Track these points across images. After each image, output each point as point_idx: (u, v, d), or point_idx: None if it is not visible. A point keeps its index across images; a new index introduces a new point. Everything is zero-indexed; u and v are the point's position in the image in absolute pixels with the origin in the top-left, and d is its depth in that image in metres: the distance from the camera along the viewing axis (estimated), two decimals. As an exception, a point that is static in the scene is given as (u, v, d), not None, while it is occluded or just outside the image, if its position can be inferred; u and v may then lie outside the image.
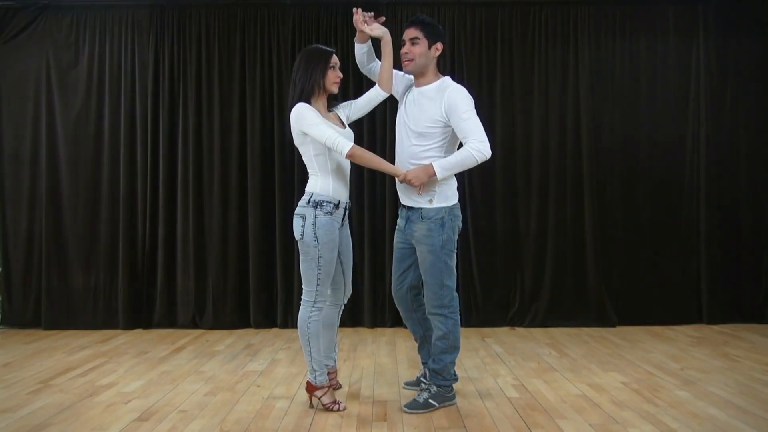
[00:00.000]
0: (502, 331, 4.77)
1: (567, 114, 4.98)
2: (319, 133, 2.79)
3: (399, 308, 3.24)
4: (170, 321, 4.98)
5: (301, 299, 2.96)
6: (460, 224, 3.04)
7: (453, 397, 3.04)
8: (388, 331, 4.85)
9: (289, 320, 4.94)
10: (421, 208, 2.94)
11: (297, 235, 2.87)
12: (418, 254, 2.99)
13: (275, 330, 4.90)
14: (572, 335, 4.61)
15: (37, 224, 5.03)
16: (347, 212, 3.02)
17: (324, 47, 2.98)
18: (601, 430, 2.68)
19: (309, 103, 2.87)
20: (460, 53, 4.98)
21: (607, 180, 5.00)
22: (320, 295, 2.89)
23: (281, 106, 4.96)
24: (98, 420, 2.86)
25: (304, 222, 2.84)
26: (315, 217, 2.83)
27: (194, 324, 4.96)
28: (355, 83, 4.87)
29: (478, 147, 2.81)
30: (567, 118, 4.98)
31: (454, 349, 3.00)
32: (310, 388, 2.97)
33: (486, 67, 5.00)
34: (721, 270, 4.97)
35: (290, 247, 4.92)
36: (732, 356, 3.93)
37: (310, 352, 2.90)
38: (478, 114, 2.93)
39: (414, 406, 2.94)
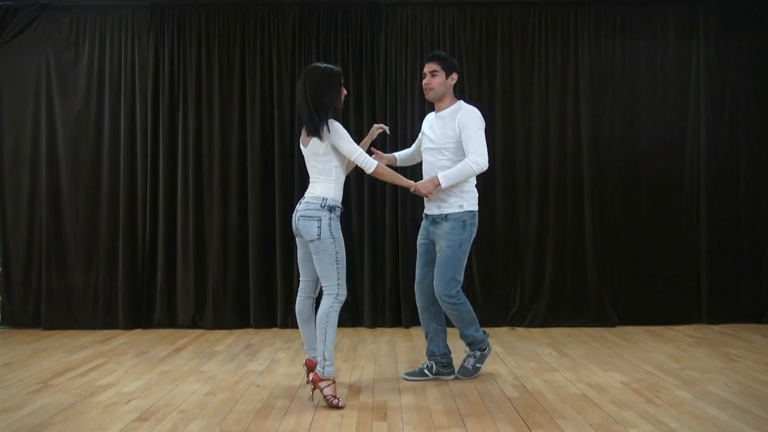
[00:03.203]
0: (502, 331, 4.77)
1: (567, 114, 4.98)
2: (352, 149, 3.09)
3: (418, 300, 3.52)
4: (170, 321, 4.98)
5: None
6: (476, 230, 3.41)
7: (489, 349, 3.51)
8: (388, 331, 4.85)
9: (289, 320, 4.93)
10: (447, 214, 3.34)
11: (313, 236, 3.07)
12: (437, 249, 3.37)
13: (275, 330, 4.90)
14: (572, 335, 4.61)
15: (37, 224, 5.03)
16: None
17: (334, 68, 3.21)
18: (601, 430, 2.68)
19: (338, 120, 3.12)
20: (460, 53, 4.98)
21: (607, 180, 5.00)
22: (341, 288, 3.11)
23: (281, 106, 4.97)
24: (98, 420, 2.86)
25: (320, 224, 3.08)
26: (330, 219, 3.10)
27: (194, 324, 4.96)
28: (355, 90, 4.91)
29: (476, 159, 3.25)
30: (567, 118, 4.98)
31: (473, 320, 3.41)
32: (316, 379, 3.02)
33: (486, 67, 5.00)
34: (721, 270, 4.97)
35: (290, 247, 4.91)
36: (732, 356, 3.93)
37: (325, 341, 3.04)
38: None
39: (465, 373, 3.42)
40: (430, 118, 3.54)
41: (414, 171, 4.08)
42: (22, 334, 4.84)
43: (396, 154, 3.73)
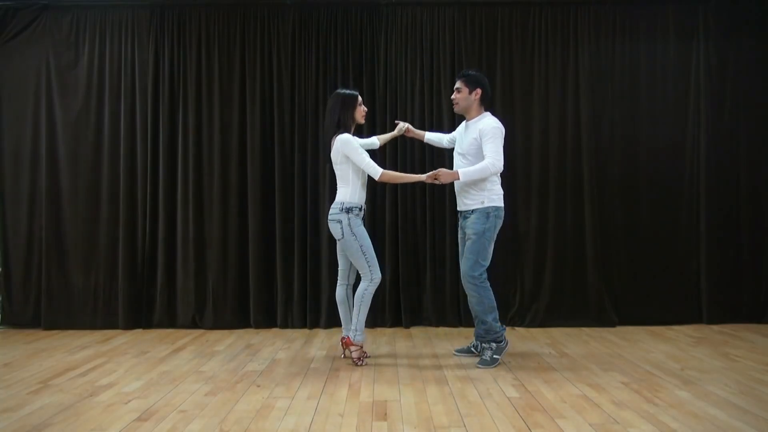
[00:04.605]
0: (502, 331, 4.77)
1: (567, 114, 4.98)
2: (360, 159, 3.67)
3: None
4: (170, 321, 4.98)
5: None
6: (501, 223, 3.81)
7: (506, 343, 3.83)
8: (388, 331, 4.85)
9: (289, 320, 4.94)
10: (474, 209, 3.78)
11: (338, 235, 3.72)
12: (466, 238, 3.81)
13: (275, 330, 4.90)
14: (572, 335, 4.61)
15: (37, 224, 5.03)
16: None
17: (352, 92, 3.82)
18: (601, 430, 2.68)
19: (350, 133, 3.74)
20: (460, 53, 4.98)
21: (607, 180, 5.00)
22: (374, 272, 3.73)
23: (281, 106, 4.97)
24: (98, 420, 2.86)
25: (341, 225, 3.69)
26: (349, 219, 3.69)
27: (194, 324, 4.96)
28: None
29: (492, 162, 3.69)
30: (567, 118, 4.98)
31: (492, 308, 3.77)
32: (348, 342, 3.79)
33: (486, 67, 5.00)
34: (721, 270, 4.97)
35: (290, 247, 4.92)
36: (732, 356, 3.93)
37: (359, 314, 3.74)
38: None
39: (485, 363, 3.72)
40: (462, 126, 4.03)
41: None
42: (22, 334, 4.84)
43: (426, 132, 4.27)
